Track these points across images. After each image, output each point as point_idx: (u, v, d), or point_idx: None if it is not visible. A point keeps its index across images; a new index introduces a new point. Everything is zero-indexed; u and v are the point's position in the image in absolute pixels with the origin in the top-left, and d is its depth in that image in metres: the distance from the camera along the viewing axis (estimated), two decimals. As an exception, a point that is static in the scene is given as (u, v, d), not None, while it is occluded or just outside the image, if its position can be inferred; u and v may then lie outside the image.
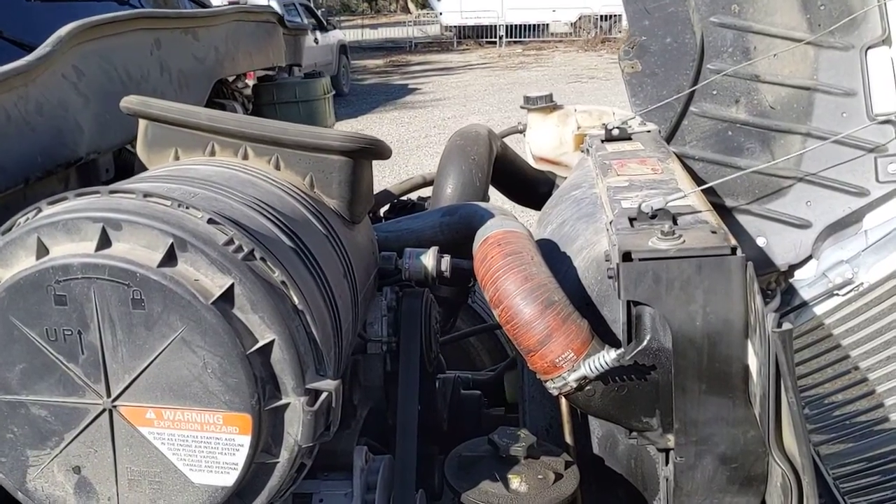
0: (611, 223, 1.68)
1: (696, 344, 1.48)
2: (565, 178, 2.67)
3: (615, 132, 2.41)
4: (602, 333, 1.58)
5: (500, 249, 1.57)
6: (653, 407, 1.54)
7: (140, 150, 1.46)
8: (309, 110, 2.77)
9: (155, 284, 1.06)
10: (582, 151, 2.52)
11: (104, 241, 1.08)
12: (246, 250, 1.10)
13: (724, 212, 2.89)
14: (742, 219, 2.90)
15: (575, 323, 1.50)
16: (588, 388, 1.51)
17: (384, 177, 10.32)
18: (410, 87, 17.95)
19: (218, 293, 1.07)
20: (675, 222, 1.63)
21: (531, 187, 2.61)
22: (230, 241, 1.09)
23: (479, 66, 21.21)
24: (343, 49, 17.61)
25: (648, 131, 2.47)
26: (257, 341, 1.10)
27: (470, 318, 2.88)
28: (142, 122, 1.45)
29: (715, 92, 2.80)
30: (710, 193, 2.91)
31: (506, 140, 2.84)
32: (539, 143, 2.64)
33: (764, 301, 2.97)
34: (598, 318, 1.65)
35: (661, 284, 1.49)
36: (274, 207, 1.27)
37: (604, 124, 2.55)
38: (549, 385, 1.51)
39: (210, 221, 1.10)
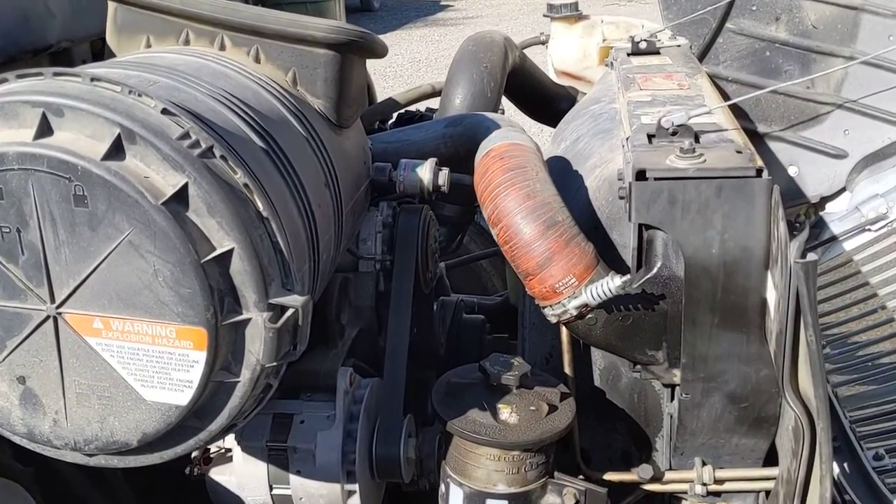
0: (627, 139, 1.53)
1: (710, 273, 1.35)
2: (586, 94, 2.51)
3: (642, 45, 2.24)
4: (610, 260, 1.46)
5: (502, 163, 1.43)
6: (659, 339, 1.42)
7: (109, 36, 1.33)
8: (318, 11, 2.61)
9: (98, 179, 0.94)
10: (606, 65, 2.35)
11: (44, 129, 0.96)
12: (204, 146, 0.98)
13: (755, 138, 2.73)
14: (774, 146, 2.73)
15: (579, 246, 1.38)
16: (590, 316, 1.39)
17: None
18: (442, 3, 17.49)
19: (170, 192, 0.95)
20: (696, 140, 1.49)
21: (550, 103, 2.45)
22: (185, 135, 0.97)
23: (515, -17, 20.62)
24: (374, -39, 17.11)
25: (679, 46, 2.29)
26: (214, 249, 0.98)
27: (483, 240, 2.77)
28: (111, 5, 1.32)
29: (754, 7, 2.60)
30: (741, 117, 2.74)
31: (527, 52, 2.68)
32: (561, 55, 2.47)
33: (790, 232, 2.82)
34: (606, 243, 1.52)
35: (677, 206, 1.35)
36: (246, 103, 1.14)
37: (631, 37, 2.38)
38: (547, 312, 1.39)
39: (164, 112, 0.98)
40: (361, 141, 1.49)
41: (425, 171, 1.51)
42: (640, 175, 1.36)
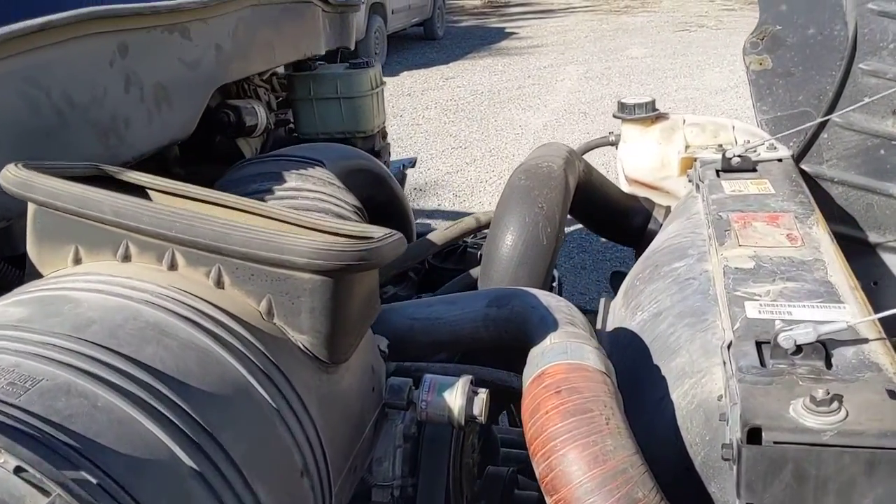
0: (729, 349, 1.14)
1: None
2: (665, 207, 2.11)
3: (735, 161, 1.83)
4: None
5: (559, 402, 1.05)
6: None
7: (29, 245, 1.00)
8: (352, 109, 2.27)
9: None
10: (689, 180, 1.95)
11: None
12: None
13: (867, 249, 2.29)
14: (889, 258, 2.29)
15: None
16: None
17: (471, 132, 9.78)
18: (507, 30, 17.15)
19: None
20: (828, 363, 1.08)
21: (622, 219, 2.05)
22: (49, 511, 0.62)
23: (582, 9, 20.17)
24: (439, -12, 16.90)
25: (780, 160, 1.88)
26: None
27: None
28: (30, 207, 0.99)
29: (867, 98, 2.17)
30: (850, 224, 2.31)
31: (594, 150, 2.29)
32: (635, 162, 2.07)
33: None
34: (701, 497, 1.12)
35: (807, 486, 0.95)
36: (182, 391, 0.78)
37: (720, 146, 1.97)
38: None
39: (19, 472, 0.63)
40: (367, 362, 1.11)
41: (456, 396, 1.13)
42: (754, 435, 0.97)
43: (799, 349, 1.09)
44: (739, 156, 1.82)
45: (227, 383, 0.83)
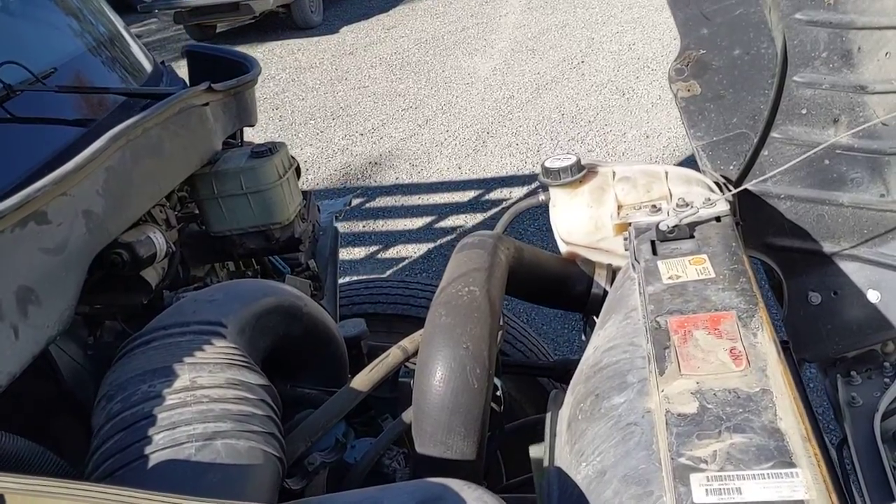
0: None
1: None
2: (607, 265, 1.98)
3: (671, 231, 1.70)
4: None
5: None
6: None
7: None
8: (262, 202, 2.10)
9: None
10: (625, 248, 1.82)
11: None
12: None
13: (823, 260, 2.19)
14: (847, 267, 2.20)
15: None
16: None
17: (420, 88, 9.51)
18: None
19: None
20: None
21: (562, 288, 1.92)
22: None
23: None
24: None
25: (718, 219, 1.75)
26: None
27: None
28: None
29: (805, 111, 2.04)
30: (802, 237, 2.20)
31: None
32: (567, 227, 1.94)
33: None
34: None
35: None
36: None
37: (653, 206, 1.84)
38: None
39: None
40: None
41: None
42: None
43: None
44: (675, 225, 1.69)
45: None
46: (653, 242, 1.71)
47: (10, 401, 1.37)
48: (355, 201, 7.00)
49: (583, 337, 2.00)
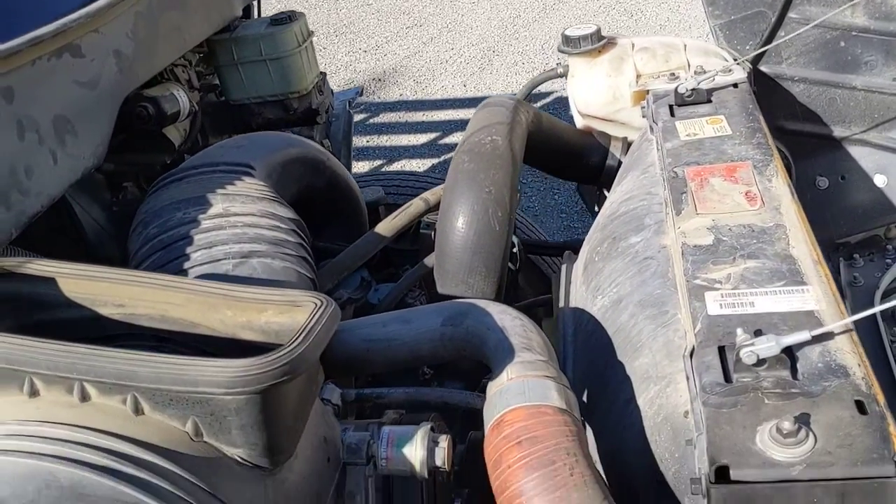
0: (691, 356, 1.09)
1: None
2: (622, 138, 2.01)
3: (689, 95, 1.73)
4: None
5: (520, 455, 1.00)
6: None
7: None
8: (281, 69, 2.12)
9: None
10: (643, 115, 1.85)
11: None
12: None
13: (833, 144, 2.22)
14: (856, 151, 2.24)
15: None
16: None
17: (425, 6, 9.38)
18: None
19: None
20: (794, 372, 1.04)
21: (578, 160, 1.96)
22: None
23: None
24: None
25: (735, 85, 1.78)
26: None
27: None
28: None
29: (822, -9, 2.06)
30: (814, 121, 2.24)
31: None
32: (586, 97, 1.96)
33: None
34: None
35: (780, 523, 0.93)
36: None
37: (672, 74, 1.86)
38: None
39: None
40: (317, 436, 1.05)
41: (416, 449, 1.08)
42: (721, 473, 0.94)
43: (763, 360, 1.04)
44: (693, 89, 1.72)
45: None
46: (671, 106, 1.74)
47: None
48: (358, 117, 6.97)
49: (595, 208, 2.04)
